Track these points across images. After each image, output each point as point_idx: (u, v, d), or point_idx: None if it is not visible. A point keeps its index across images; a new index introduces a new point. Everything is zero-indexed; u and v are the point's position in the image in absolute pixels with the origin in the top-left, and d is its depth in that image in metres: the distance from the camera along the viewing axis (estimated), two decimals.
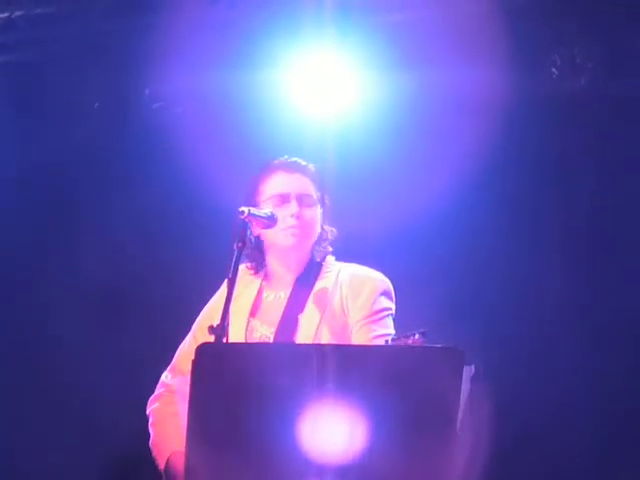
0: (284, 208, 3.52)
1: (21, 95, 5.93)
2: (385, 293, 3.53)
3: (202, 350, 2.88)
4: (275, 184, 3.57)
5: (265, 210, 3.48)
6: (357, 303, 3.49)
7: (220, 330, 3.10)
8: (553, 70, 5.15)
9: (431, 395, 2.82)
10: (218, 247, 3.55)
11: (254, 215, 3.39)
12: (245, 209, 3.36)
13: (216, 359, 2.90)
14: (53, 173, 5.95)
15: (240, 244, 3.28)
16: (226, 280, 3.24)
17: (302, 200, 3.55)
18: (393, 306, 3.55)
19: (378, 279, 3.55)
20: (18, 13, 5.72)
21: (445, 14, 5.13)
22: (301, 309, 3.50)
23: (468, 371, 2.92)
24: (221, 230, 3.57)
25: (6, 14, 5.73)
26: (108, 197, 5.86)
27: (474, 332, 4.88)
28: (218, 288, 3.63)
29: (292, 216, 3.51)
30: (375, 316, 3.48)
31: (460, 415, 2.89)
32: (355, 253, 3.68)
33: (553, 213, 5.26)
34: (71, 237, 5.89)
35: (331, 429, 2.80)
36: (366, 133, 5.38)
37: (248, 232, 3.39)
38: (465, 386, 2.89)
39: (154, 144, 5.65)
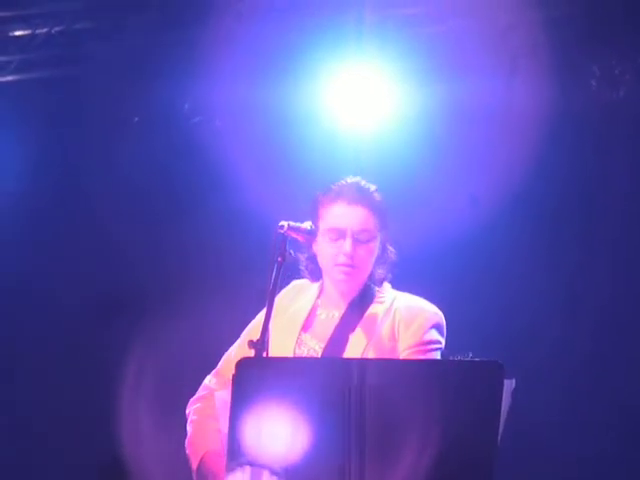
0: (339, 244, 3.48)
1: (60, 110, 5.98)
2: (437, 326, 3.49)
3: (242, 365, 2.89)
4: (334, 216, 3.51)
5: (305, 224, 3.47)
6: (408, 331, 3.45)
7: (260, 345, 3.11)
8: (592, 82, 5.13)
9: (472, 409, 2.81)
10: (255, 260, 3.56)
11: (294, 229, 3.38)
12: (285, 223, 3.34)
13: (256, 373, 2.91)
14: (91, 187, 6.00)
15: (280, 259, 3.28)
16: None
17: (359, 237, 3.48)
18: (443, 340, 3.50)
19: (432, 311, 3.51)
20: (57, 29, 5.77)
21: (482, 26, 5.13)
22: (352, 329, 3.48)
23: (509, 385, 2.91)
24: (260, 242, 3.58)
25: (45, 29, 5.79)
26: (145, 209, 5.90)
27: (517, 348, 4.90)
28: (247, 299, 3.63)
29: (345, 254, 3.47)
30: (424, 347, 3.43)
31: (501, 429, 2.89)
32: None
33: (588, 224, 5.25)
34: (104, 249, 5.93)
35: (371, 442, 2.80)
36: (403, 145, 5.38)
37: (287, 246, 3.38)
38: (506, 400, 2.88)
39: (194, 159, 5.68)
